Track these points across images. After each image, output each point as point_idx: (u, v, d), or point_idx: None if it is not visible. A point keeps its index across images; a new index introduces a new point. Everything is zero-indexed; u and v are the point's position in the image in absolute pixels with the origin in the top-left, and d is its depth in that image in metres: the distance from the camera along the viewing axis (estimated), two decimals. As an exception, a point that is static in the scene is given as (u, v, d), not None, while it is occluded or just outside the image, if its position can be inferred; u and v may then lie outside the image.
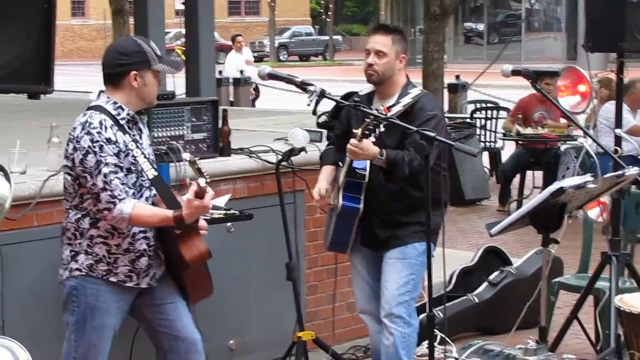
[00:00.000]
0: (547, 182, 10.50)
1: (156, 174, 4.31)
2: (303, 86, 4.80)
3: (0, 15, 4.00)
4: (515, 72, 5.16)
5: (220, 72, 16.53)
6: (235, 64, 17.90)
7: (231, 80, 17.10)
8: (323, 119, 6.32)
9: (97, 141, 4.16)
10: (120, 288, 4.32)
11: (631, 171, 5.00)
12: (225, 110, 5.78)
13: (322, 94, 4.73)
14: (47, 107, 8.38)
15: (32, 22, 4.07)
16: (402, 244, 4.92)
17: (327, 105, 5.39)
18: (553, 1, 37.48)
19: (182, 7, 12.95)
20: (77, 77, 28.21)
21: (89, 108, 4.30)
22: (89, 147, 4.16)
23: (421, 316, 6.11)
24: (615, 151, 5.49)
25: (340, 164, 5.06)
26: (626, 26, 5.38)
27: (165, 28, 9.88)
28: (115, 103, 4.28)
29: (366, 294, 5.17)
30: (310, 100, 4.72)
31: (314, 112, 4.87)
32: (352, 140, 4.62)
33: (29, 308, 4.88)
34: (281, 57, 45.32)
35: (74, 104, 12.04)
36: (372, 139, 4.61)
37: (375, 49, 4.92)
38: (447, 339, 5.60)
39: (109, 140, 4.18)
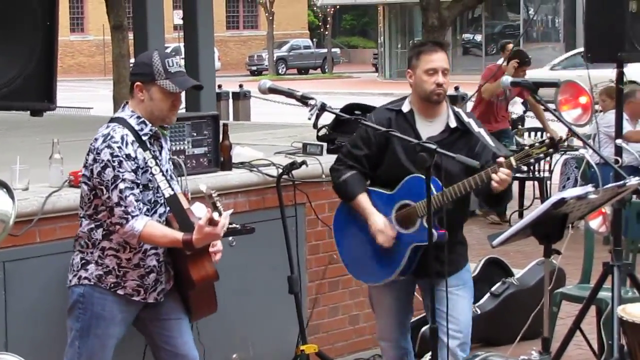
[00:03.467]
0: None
1: (172, 192, 4.32)
2: (304, 100, 4.77)
3: (2, 33, 3.99)
4: (514, 84, 5.16)
5: (220, 87, 16.48)
6: None
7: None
8: (323, 132, 6.33)
9: (117, 156, 4.18)
10: (127, 300, 4.34)
11: (632, 181, 5.00)
12: (225, 125, 5.79)
13: (323, 108, 4.69)
14: (47, 123, 8.36)
15: (34, 39, 4.05)
16: (458, 269, 4.85)
17: (327, 119, 5.39)
18: (551, 12, 37.55)
19: (181, 22, 12.93)
20: (76, 92, 28.25)
21: (113, 119, 4.32)
22: (108, 160, 4.18)
23: (424, 328, 6.14)
24: (616, 161, 5.50)
25: (380, 189, 4.84)
26: (626, 37, 5.38)
27: (164, 43, 9.90)
28: (139, 117, 4.29)
29: (393, 324, 5.04)
30: (311, 114, 4.70)
31: (315, 126, 4.85)
32: (506, 170, 4.51)
33: (32, 324, 4.87)
34: (280, 71, 45.38)
35: (74, 119, 12.09)
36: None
37: (443, 67, 4.77)
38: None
39: (128, 157, 4.19)
